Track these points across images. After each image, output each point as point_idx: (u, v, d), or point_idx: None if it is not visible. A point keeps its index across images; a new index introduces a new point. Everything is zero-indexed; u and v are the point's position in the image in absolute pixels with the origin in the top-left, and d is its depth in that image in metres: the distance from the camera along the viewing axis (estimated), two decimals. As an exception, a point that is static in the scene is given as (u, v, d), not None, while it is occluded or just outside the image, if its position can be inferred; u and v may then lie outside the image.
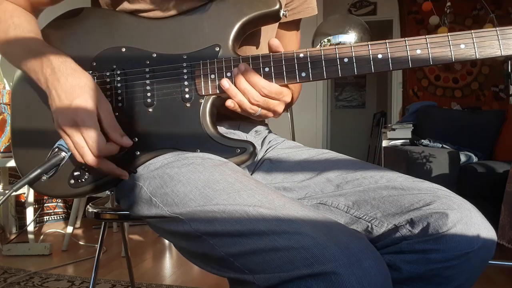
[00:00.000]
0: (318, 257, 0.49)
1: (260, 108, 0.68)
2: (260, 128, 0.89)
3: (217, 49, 0.71)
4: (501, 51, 0.64)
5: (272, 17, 0.72)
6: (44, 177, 0.69)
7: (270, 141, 0.87)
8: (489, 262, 0.64)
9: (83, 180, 0.71)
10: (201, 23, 0.72)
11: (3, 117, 2.26)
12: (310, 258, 0.49)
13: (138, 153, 0.70)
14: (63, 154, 0.68)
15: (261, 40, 0.83)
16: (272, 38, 0.70)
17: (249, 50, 0.81)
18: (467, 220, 0.62)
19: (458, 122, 3.20)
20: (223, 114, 0.80)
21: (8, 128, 2.27)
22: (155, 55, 0.71)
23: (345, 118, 6.65)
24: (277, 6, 0.71)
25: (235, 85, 0.68)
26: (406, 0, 4.55)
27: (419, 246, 0.63)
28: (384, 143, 3.25)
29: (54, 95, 0.66)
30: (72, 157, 0.69)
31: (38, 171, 0.66)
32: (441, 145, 2.75)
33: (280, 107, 0.70)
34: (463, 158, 2.61)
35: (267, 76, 0.68)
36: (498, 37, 0.64)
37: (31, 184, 0.69)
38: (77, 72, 0.67)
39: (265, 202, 0.56)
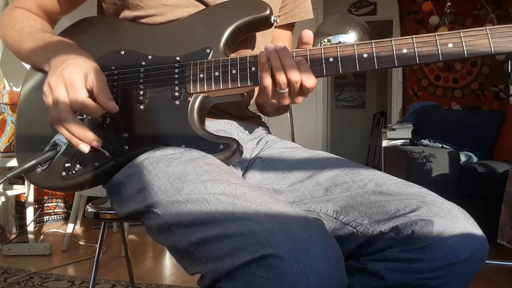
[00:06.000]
0: (263, 243, 0.48)
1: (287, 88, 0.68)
2: (254, 127, 0.89)
3: (208, 51, 0.74)
4: (491, 50, 0.64)
5: (264, 22, 0.75)
6: (39, 169, 0.75)
7: (267, 142, 0.87)
8: (489, 262, 0.62)
9: (73, 172, 0.74)
10: (195, 28, 0.76)
11: (3, 117, 2.26)
12: (255, 244, 0.48)
13: (127, 147, 0.73)
14: (58, 148, 0.74)
15: (259, 45, 0.84)
16: (305, 30, 0.71)
17: (246, 54, 0.81)
18: (454, 228, 0.60)
19: (458, 122, 3.20)
20: (217, 113, 0.82)
21: (8, 128, 2.27)
22: (151, 57, 0.75)
23: (345, 118, 6.65)
24: (268, 12, 0.74)
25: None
26: (406, 0, 4.54)
27: (403, 254, 0.61)
28: (384, 143, 3.25)
29: (52, 64, 0.70)
30: (66, 151, 0.74)
31: (33, 162, 0.73)
32: (441, 145, 2.75)
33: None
34: (463, 158, 2.61)
35: (253, 75, 0.70)
36: (488, 36, 0.64)
37: (26, 173, 0.75)
38: (78, 50, 0.73)
39: (227, 191, 0.56)
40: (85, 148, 0.68)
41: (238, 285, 0.49)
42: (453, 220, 0.61)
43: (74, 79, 0.66)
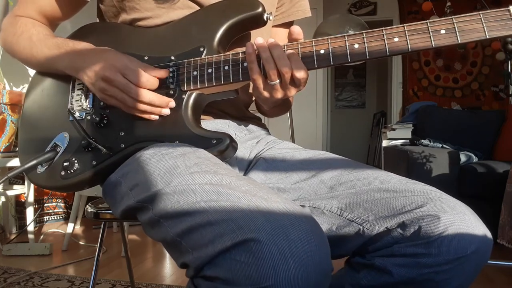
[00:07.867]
0: (243, 228, 0.48)
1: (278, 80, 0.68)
2: (253, 128, 0.89)
3: (202, 49, 0.75)
4: (486, 34, 0.62)
5: (257, 20, 0.76)
6: (40, 169, 0.77)
7: (268, 142, 0.87)
8: (489, 262, 0.63)
9: (72, 171, 0.75)
10: (189, 28, 0.77)
11: (3, 117, 2.26)
12: (236, 229, 0.48)
13: (123, 146, 0.74)
14: (58, 148, 0.77)
15: None
16: (293, 26, 0.71)
17: None
18: (460, 223, 0.61)
19: (458, 122, 3.20)
20: (215, 112, 0.82)
21: (8, 128, 2.27)
22: (147, 57, 0.77)
23: (345, 118, 6.65)
24: (260, 9, 0.74)
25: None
26: (406, 0, 4.55)
27: (410, 249, 0.62)
28: (384, 143, 3.25)
29: (85, 63, 0.73)
30: (66, 151, 0.76)
31: (34, 162, 0.75)
32: (441, 145, 2.75)
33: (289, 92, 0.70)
34: (463, 158, 2.61)
35: (245, 70, 0.70)
36: (482, 20, 0.62)
37: (27, 173, 0.79)
38: (97, 47, 0.77)
39: (214, 181, 0.56)
40: (167, 111, 0.72)
41: (220, 271, 0.49)
42: (459, 215, 0.62)
43: (129, 65, 0.71)
